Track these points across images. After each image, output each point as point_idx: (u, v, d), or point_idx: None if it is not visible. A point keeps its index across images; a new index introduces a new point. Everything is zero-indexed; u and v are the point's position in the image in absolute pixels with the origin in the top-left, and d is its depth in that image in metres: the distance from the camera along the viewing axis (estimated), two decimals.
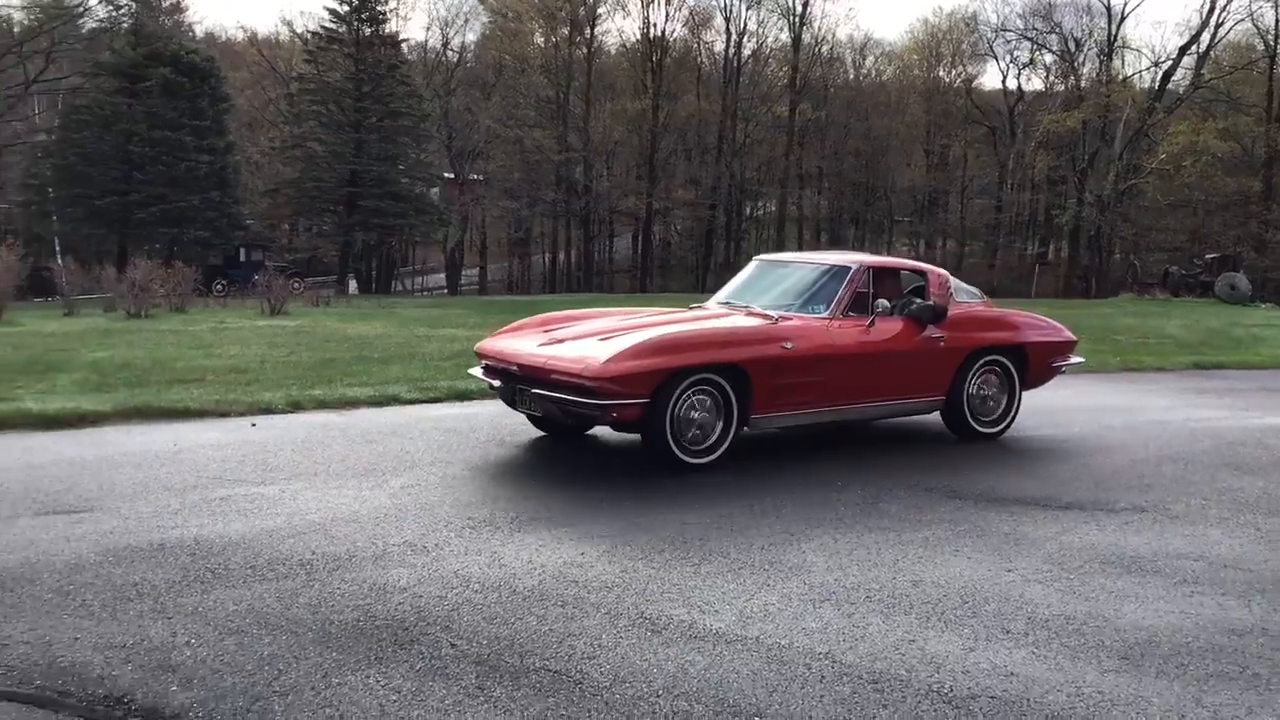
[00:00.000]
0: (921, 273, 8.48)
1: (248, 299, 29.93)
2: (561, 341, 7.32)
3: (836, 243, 61.90)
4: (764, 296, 8.06)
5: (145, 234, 41.68)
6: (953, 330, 8.04)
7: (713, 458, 7.04)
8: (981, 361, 8.24)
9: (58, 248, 42.68)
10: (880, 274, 8.08)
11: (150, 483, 6.62)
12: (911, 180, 61.57)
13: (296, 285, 28.77)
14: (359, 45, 48.65)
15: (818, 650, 4.17)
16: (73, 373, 11.66)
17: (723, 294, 8.54)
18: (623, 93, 58.89)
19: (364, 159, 47.46)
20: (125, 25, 46.67)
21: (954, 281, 8.45)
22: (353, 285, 49.24)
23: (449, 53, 62.78)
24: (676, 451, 6.90)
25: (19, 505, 6.01)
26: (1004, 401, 8.47)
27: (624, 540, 5.57)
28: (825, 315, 7.62)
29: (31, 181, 45.27)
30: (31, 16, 47.85)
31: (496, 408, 9.05)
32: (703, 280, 54.38)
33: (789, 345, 7.20)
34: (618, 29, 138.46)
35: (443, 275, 60.11)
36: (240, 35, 67.31)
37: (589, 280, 56.39)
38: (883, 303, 7.75)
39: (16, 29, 48.59)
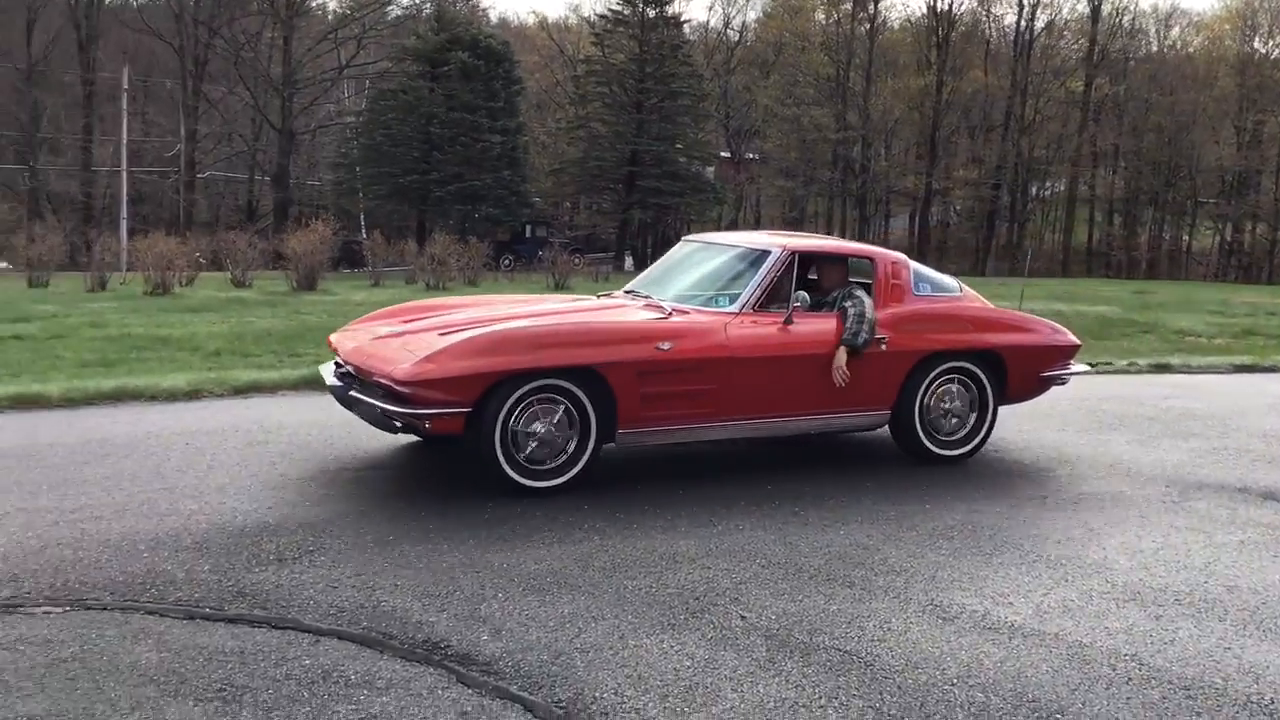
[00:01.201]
0: (869, 259, 6.92)
1: (533, 274, 31.25)
2: (403, 334, 6.21)
3: (1130, 225, 58.38)
4: (674, 285, 6.80)
5: (441, 210, 44.14)
6: (899, 331, 6.53)
7: (561, 480, 5.76)
8: (940, 369, 6.68)
9: (363, 222, 45.87)
10: (813, 261, 6.89)
11: None
12: (1219, 159, 57.20)
13: (577, 261, 29.78)
14: (644, 27, 49.63)
15: (1123, 651, 4.00)
16: None
17: (635, 281, 7.31)
18: (905, 69, 57.56)
19: (644, 138, 48.48)
20: (428, 11, 49.46)
21: (919, 271, 7.00)
22: (629, 261, 50.45)
23: (730, 32, 63.20)
24: (509, 471, 5.64)
25: (344, 459, 6.52)
26: (971, 418, 6.86)
27: (909, 525, 5.51)
28: (731, 310, 6.28)
29: (341, 161, 48.85)
30: (344, 5, 51.49)
31: None
32: (983, 263, 52.53)
33: (665, 346, 5.87)
34: (901, 3, 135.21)
35: None
36: (531, 20, 70.02)
37: None
38: (801, 295, 6.37)
39: (330, 17, 52.38)
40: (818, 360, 6.28)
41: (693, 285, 6.72)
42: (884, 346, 6.43)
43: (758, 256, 6.55)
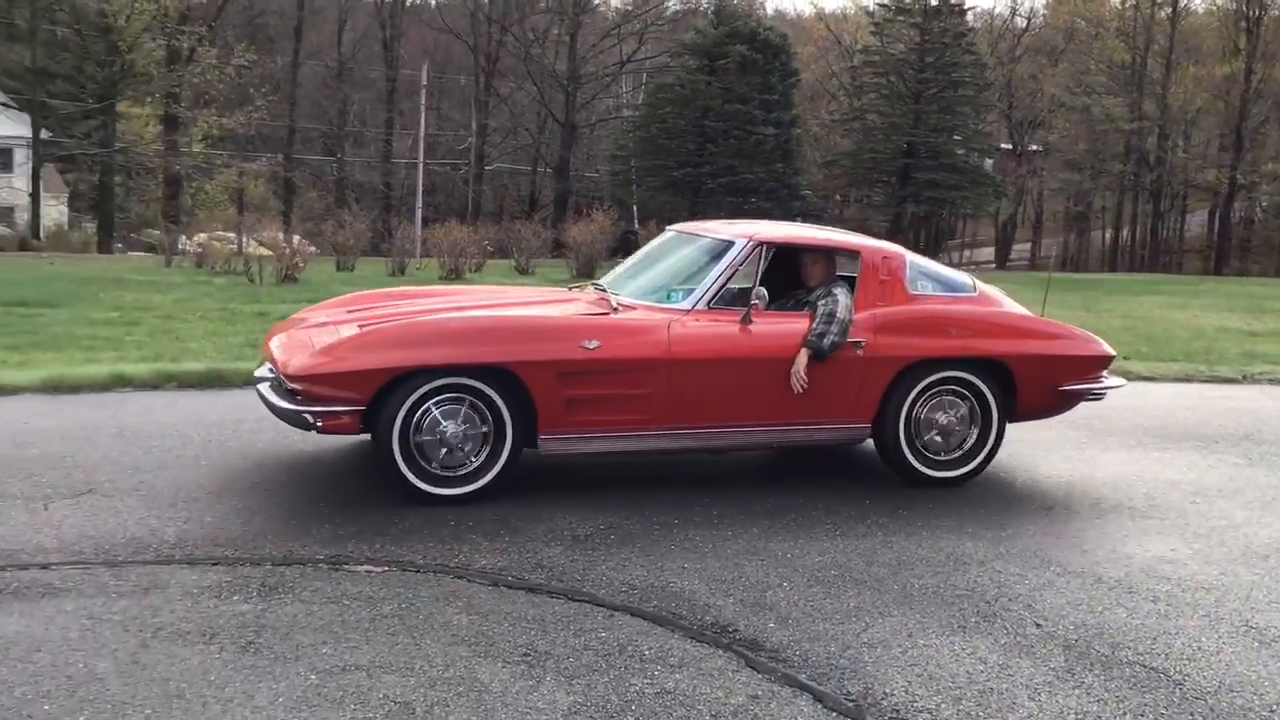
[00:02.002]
0: (853, 252, 6.11)
1: None
2: (328, 325, 5.81)
3: None
4: (640, 279, 6.26)
5: (713, 203, 44.55)
6: (882, 334, 5.76)
7: (473, 487, 5.28)
8: (932, 379, 5.87)
9: (636, 213, 46.94)
10: (788, 253, 6.13)
11: None
12: None
13: None
14: (925, 15, 48.40)
15: None
16: None
17: (611, 273, 6.71)
18: (1209, 55, 53.68)
19: (921, 130, 47.32)
20: (706, 6, 50.04)
21: (919, 266, 6.19)
22: None
23: (1017, 19, 60.76)
24: (409, 476, 5.18)
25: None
26: (972, 435, 5.99)
27: (1218, 541, 5.18)
28: (682, 306, 5.67)
29: (618, 153, 50.12)
30: (626, 2, 52.77)
31: None
32: None
33: (591, 345, 5.30)
34: None
35: (991, 249, 58.60)
36: (809, 11, 69.60)
37: (1154, 259, 52.30)
38: (760, 292, 5.66)
39: (612, 14, 53.83)
40: (779, 365, 5.58)
41: (656, 279, 6.17)
42: (860, 351, 5.69)
43: (721, 249, 5.93)
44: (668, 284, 6.01)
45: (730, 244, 5.88)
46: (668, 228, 7.01)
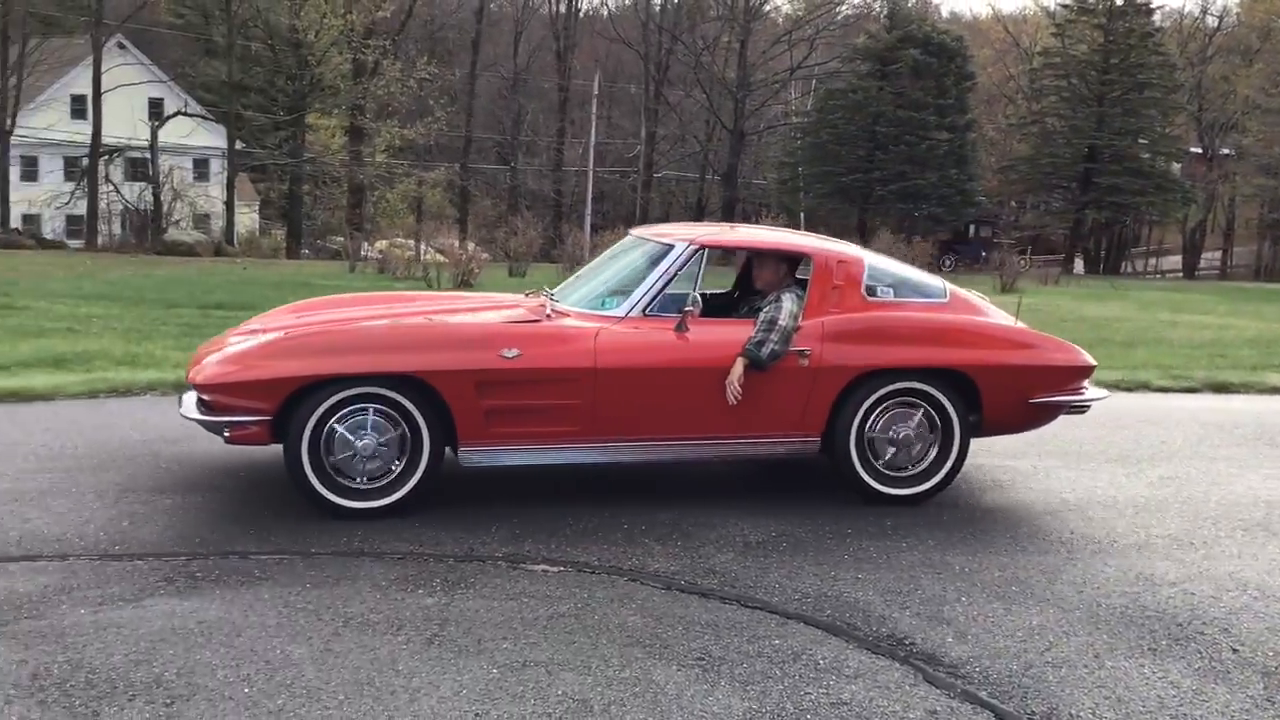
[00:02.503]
0: (804, 255, 5.78)
1: (976, 275, 30.33)
2: (257, 333, 5.63)
3: None
4: (588, 285, 5.97)
5: (882, 209, 43.96)
6: (830, 342, 5.38)
7: (386, 501, 5.05)
8: (886, 390, 5.47)
9: (803, 220, 46.62)
10: (746, 257, 5.99)
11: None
12: None
13: (1023, 263, 28.56)
14: (1110, 15, 46.71)
15: None
16: None
17: (567, 280, 6.38)
18: None
19: (1104, 134, 45.65)
20: (879, 10, 49.38)
21: (880, 270, 5.80)
22: (1079, 264, 47.70)
23: (1208, 18, 57.99)
24: (319, 487, 4.96)
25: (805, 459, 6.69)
26: (931, 451, 5.59)
27: None
28: (615, 314, 5.40)
29: (786, 160, 49.92)
30: (797, 8, 52.49)
31: (1263, 403, 8.30)
32: None
33: (511, 354, 5.05)
34: None
35: (1178, 257, 56.02)
36: (986, 13, 67.92)
37: None
38: (693, 298, 5.36)
39: (782, 20, 53.61)
40: (715, 375, 5.24)
41: (599, 285, 5.88)
42: (806, 361, 5.33)
43: (660, 253, 5.62)
44: (608, 290, 5.74)
45: (670, 248, 5.58)
46: (630, 231, 6.64)
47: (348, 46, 39.41)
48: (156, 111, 41.96)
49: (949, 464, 5.59)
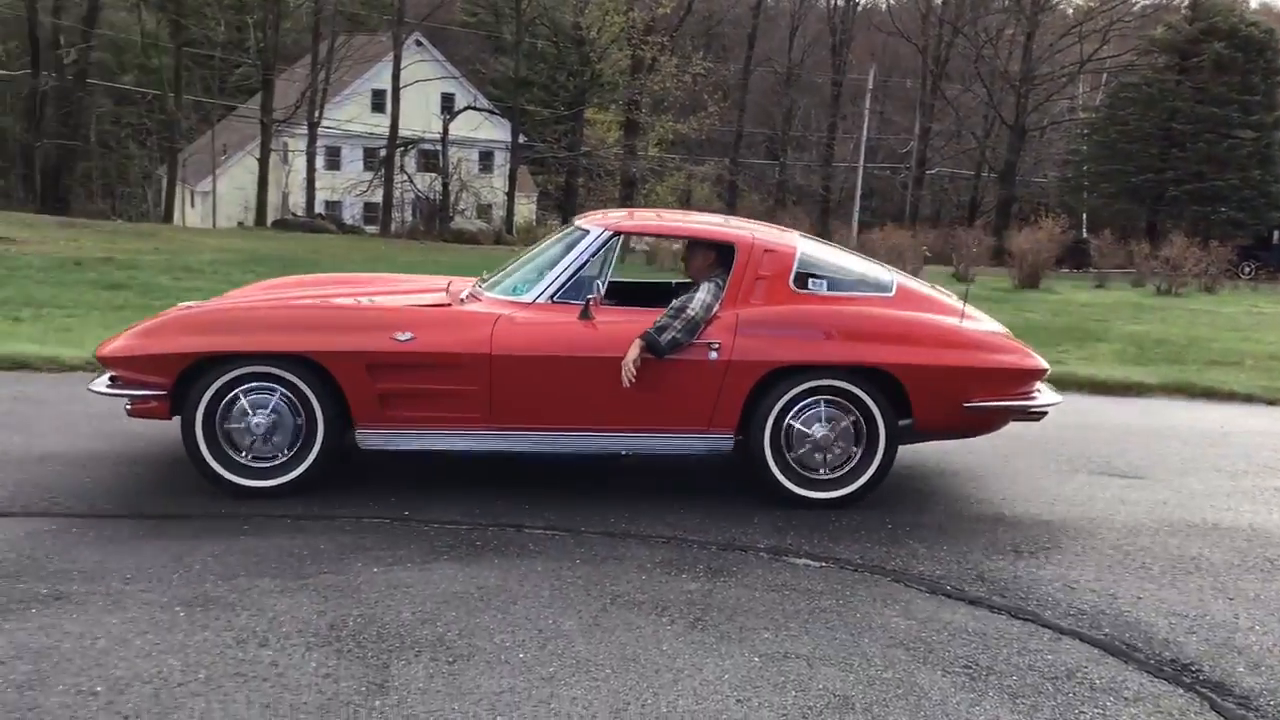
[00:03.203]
0: (728, 244, 5.36)
1: (1279, 284, 28.07)
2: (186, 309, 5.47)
3: None
4: (518, 271, 5.63)
5: (1174, 211, 41.20)
6: (743, 335, 5.05)
7: (283, 480, 4.97)
8: (804, 387, 5.09)
9: (1085, 221, 44.33)
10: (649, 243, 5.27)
11: (1199, 460, 6.61)
12: None
13: None
14: None
15: None
16: (1110, 342, 12.09)
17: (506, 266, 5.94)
18: None
19: None
20: (1180, 1, 46.30)
21: (817, 261, 5.45)
22: None
23: None
24: (214, 465, 4.91)
25: (1076, 462, 6.41)
26: (856, 453, 5.20)
27: None
28: (525, 299, 5.21)
29: (1070, 158, 47.60)
30: None
31: None
32: None
33: (404, 337, 4.92)
34: None
35: None
36: None
37: None
38: (597, 284, 5.15)
39: (1072, 11, 51.10)
40: (619, 365, 4.94)
41: (525, 271, 5.59)
42: (715, 354, 5.02)
43: (577, 238, 5.44)
44: (524, 276, 5.53)
45: (585, 234, 5.41)
46: (574, 218, 6.29)
47: (627, 43, 40.35)
48: (448, 106, 44.31)
49: (872, 468, 5.21)
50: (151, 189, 44.32)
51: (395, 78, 38.92)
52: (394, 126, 39.03)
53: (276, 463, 5.00)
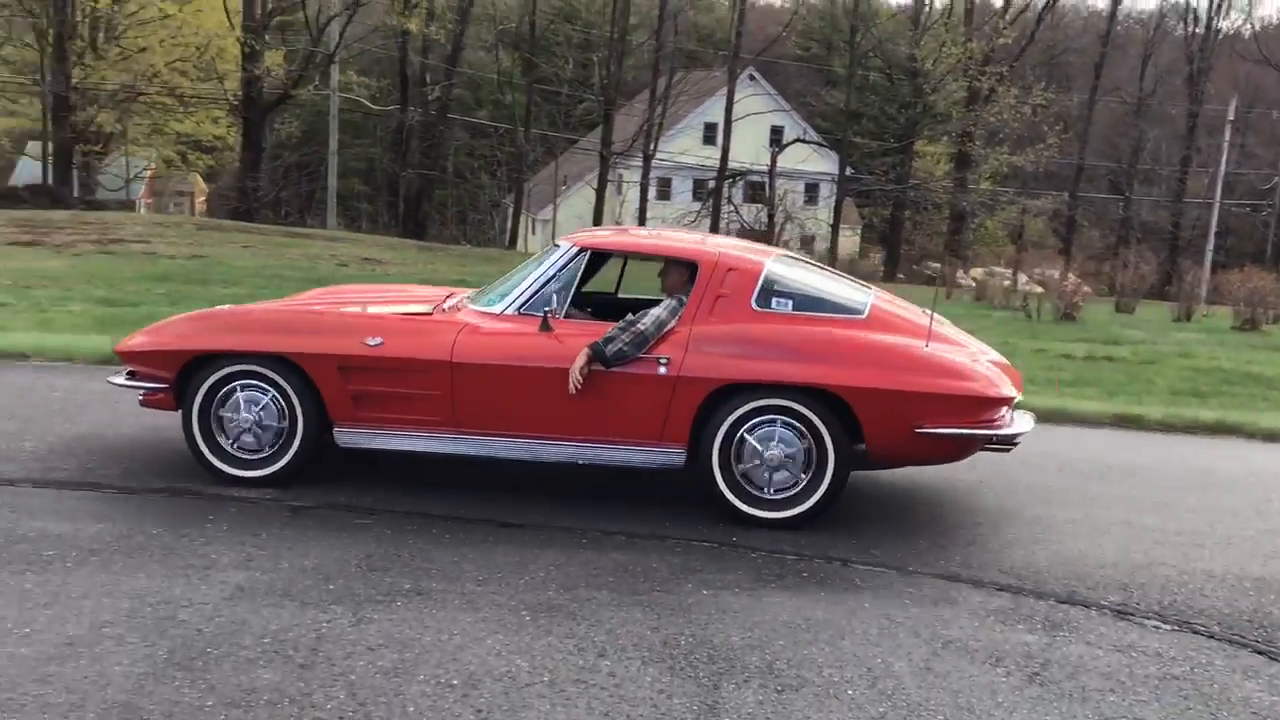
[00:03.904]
0: (690, 262, 5.41)
1: None
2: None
3: None
4: (504, 283, 5.74)
5: None
6: (693, 352, 5.08)
7: (266, 471, 5.33)
8: (751, 406, 5.05)
9: None
10: (610, 259, 5.97)
11: None
12: None
13: None
14: None
15: None
16: None
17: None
18: None
19: None
20: None
21: (783, 280, 5.40)
22: None
23: None
24: (207, 454, 5.35)
25: None
26: (804, 474, 5.08)
27: None
28: (493, 310, 5.43)
29: None
30: None
31: None
32: None
33: (374, 342, 5.23)
34: None
35: None
36: None
37: None
38: (551, 297, 5.31)
39: None
40: (567, 377, 5.02)
41: (504, 283, 5.70)
42: (664, 369, 5.06)
43: (548, 254, 5.58)
44: (502, 289, 5.63)
45: (556, 249, 5.56)
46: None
47: (964, 74, 39.42)
48: (777, 138, 44.77)
49: (820, 491, 5.09)
50: (498, 216, 47.31)
51: (728, 111, 39.74)
52: (724, 159, 39.83)
53: (263, 455, 5.37)
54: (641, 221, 41.64)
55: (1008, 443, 5.33)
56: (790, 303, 5.31)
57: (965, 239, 43.62)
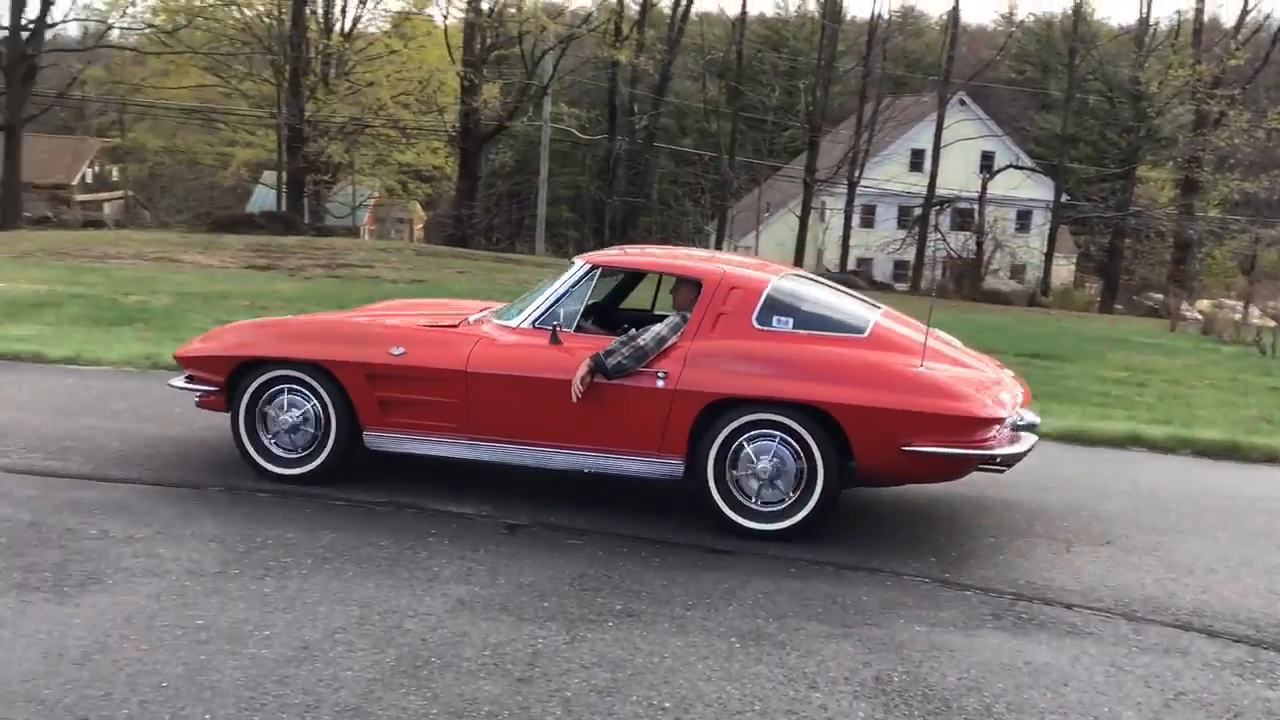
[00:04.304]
0: (697, 280, 5.53)
1: None
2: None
3: None
4: (525, 297, 5.98)
5: None
6: (691, 366, 5.19)
7: (304, 470, 5.68)
8: (744, 420, 5.13)
9: None
10: (620, 276, 6.27)
11: None
12: None
13: None
14: None
15: None
16: None
17: None
18: None
19: None
20: None
21: (786, 298, 5.48)
22: None
23: None
24: (252, 453, 5.74)
25: None
26: (795, 488, 5.12)
27: None
28: (510, 324, 5.65)
29: None
30: None
31: None
32: None
33: (397, 352, 5.51)
34: None
35: None
36: None
37: None
38: (555, 312, 5.54)
39: None
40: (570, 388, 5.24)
41: (529, 297, 5.91)
42: (662, 383, 5.23)
43: (565, 270, 5.85)
44: (523, 302, 5.88)
45: (572, 266, 5.81)
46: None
47: (1191, 97, 37.50)
48: (987, 164, 43.63)
49: (812, 502, 5.15)
50: (701, 243, 47.71)
51: (937, 137, 39.03)
52: (931, 185, 39.09)
53: (301, 454, 5.70)
54: (844, 250, 41.28)
55: (1002, 461, 5.27)
56: (791, 321, 5.42)
57: (1191, 269, 41.40)
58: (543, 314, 5.61)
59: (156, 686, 3.38)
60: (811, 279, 6.21)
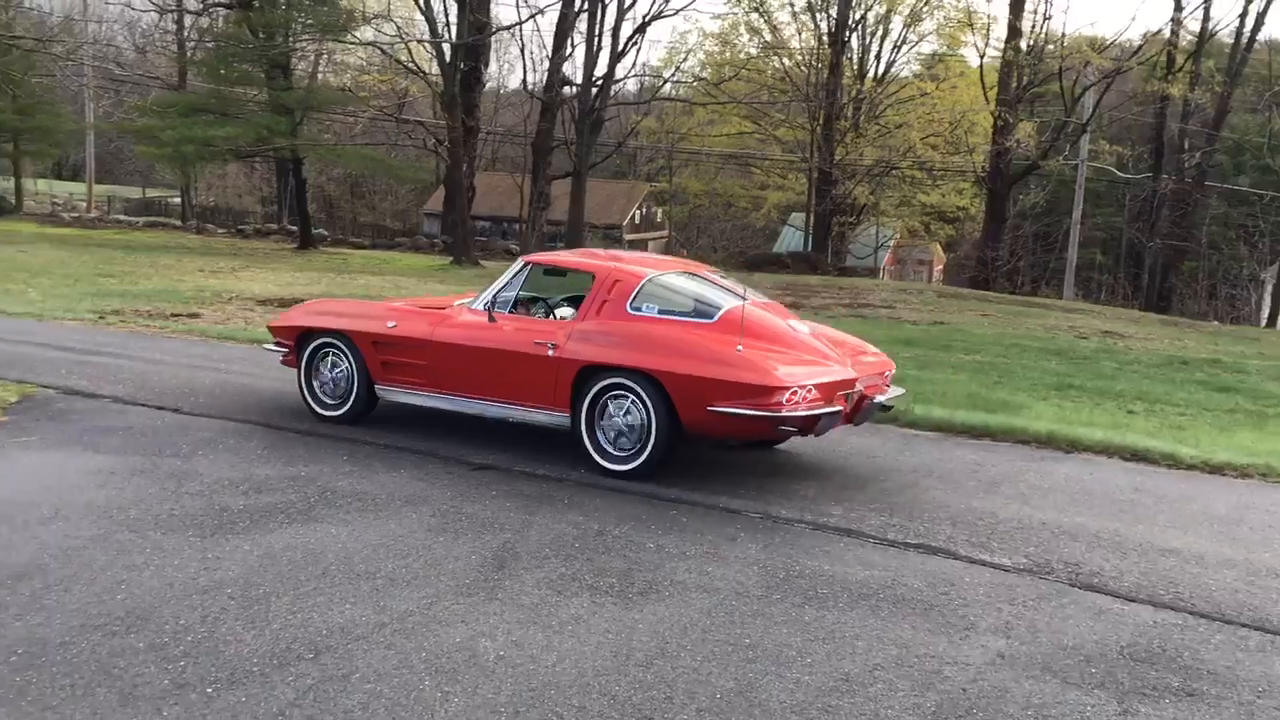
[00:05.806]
0: (590, 274, 7.10)
1: None
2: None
3: None
4: (487, 285, 7.63)
5: None
6: (572, 340, 6.68)
7: (338, 412, 7.53)
8: (605, 384, 6.55)
9: None
10: (548, 272, 7.52)
11: None
12: None
13: None
14: None
15: None
16: None
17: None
18: None
19: None
20: None
21: (658, 290, 6.85)
22: None
23: None
24: (308, 398, 7.67)
25: None
26: (637, 438, 6.49)
27: None
28: (474, 306, 7.30)
29: None
30: None
31: None
32: None
33: (390, 325, 7.32)
34: None
35: None
36: None
37: None
38: (491, 297, 7.20)
39: None
40: (497, 356, 6.87)
41: (486, 286, 7.47)
42: (551, 352, 6.64)
43: (513, 265, 7.39)
44: (484, 291, 7.40)
45: (517, 262, 7.38)
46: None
47: None
48: None
49: (649, 448, 6.41)
50: (1256, 291, 43.07)
51: None
52: None
53: (338, 400, 7.55)
54: None
55: (792, 422, 6.14)
56: (657, 308, 6.73)
57: None
58: (489, 299, 7.14)
59: (711, 697, 3.61)
60: (704, 277, 7.29)
